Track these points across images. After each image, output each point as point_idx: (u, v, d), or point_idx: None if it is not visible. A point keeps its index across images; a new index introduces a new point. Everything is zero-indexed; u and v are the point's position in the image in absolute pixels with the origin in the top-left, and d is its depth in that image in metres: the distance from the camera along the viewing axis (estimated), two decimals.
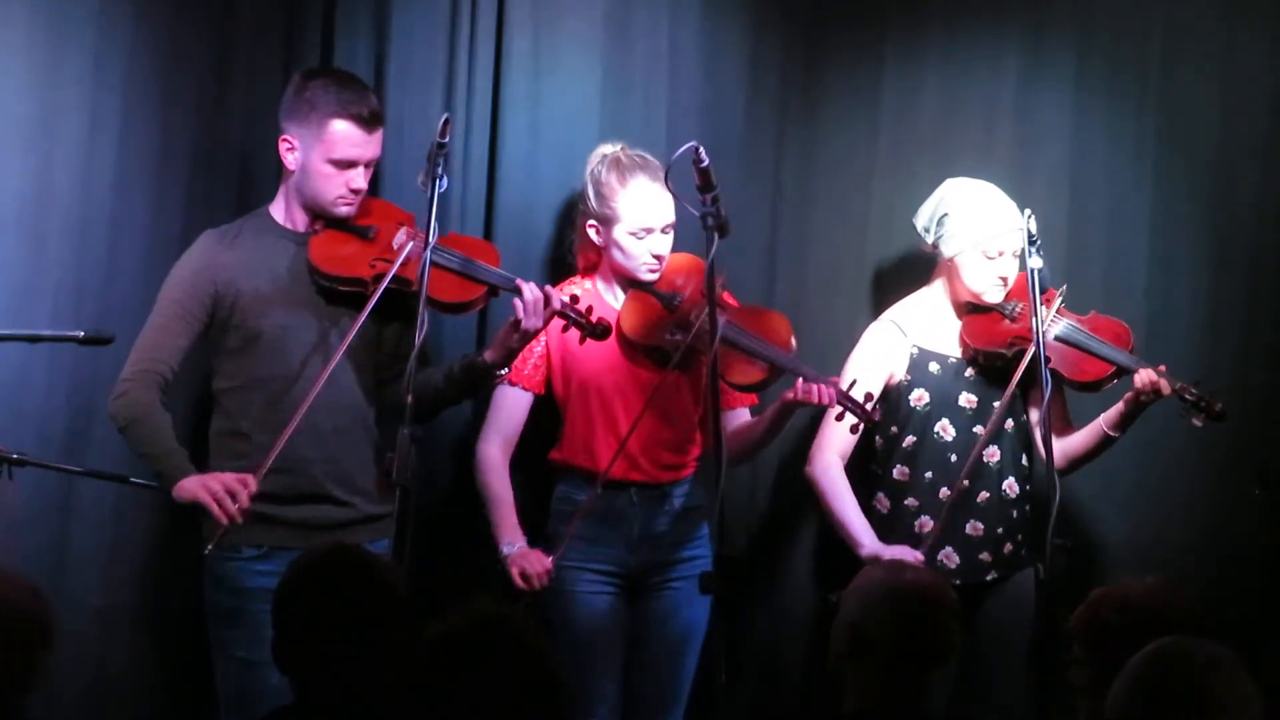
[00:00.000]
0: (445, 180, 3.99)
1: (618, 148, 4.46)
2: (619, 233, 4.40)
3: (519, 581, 4.28)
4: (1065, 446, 4.50)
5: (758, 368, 4.38)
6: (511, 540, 4.35)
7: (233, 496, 3.91)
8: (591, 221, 4.43)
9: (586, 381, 4.41)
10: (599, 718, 4.38)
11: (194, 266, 4.16)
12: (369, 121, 4.15)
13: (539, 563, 4.29)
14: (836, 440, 4.54)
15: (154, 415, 4.07)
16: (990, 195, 4.59)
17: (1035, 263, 4.33)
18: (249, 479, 3.95)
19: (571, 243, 4.55)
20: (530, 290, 4.08)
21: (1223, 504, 4.95)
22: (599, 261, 4.49)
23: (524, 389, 4.41)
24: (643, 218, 4.37)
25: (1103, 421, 4.55)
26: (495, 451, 4.41)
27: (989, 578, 4.58)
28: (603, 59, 4.76)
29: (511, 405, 4.42)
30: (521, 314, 4.07)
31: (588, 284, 4.48)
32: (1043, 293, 4.34)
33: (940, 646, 3.20)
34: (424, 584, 3.59)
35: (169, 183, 4.50)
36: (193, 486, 3.97)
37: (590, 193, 4.42)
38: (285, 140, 4.17)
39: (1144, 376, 4.43)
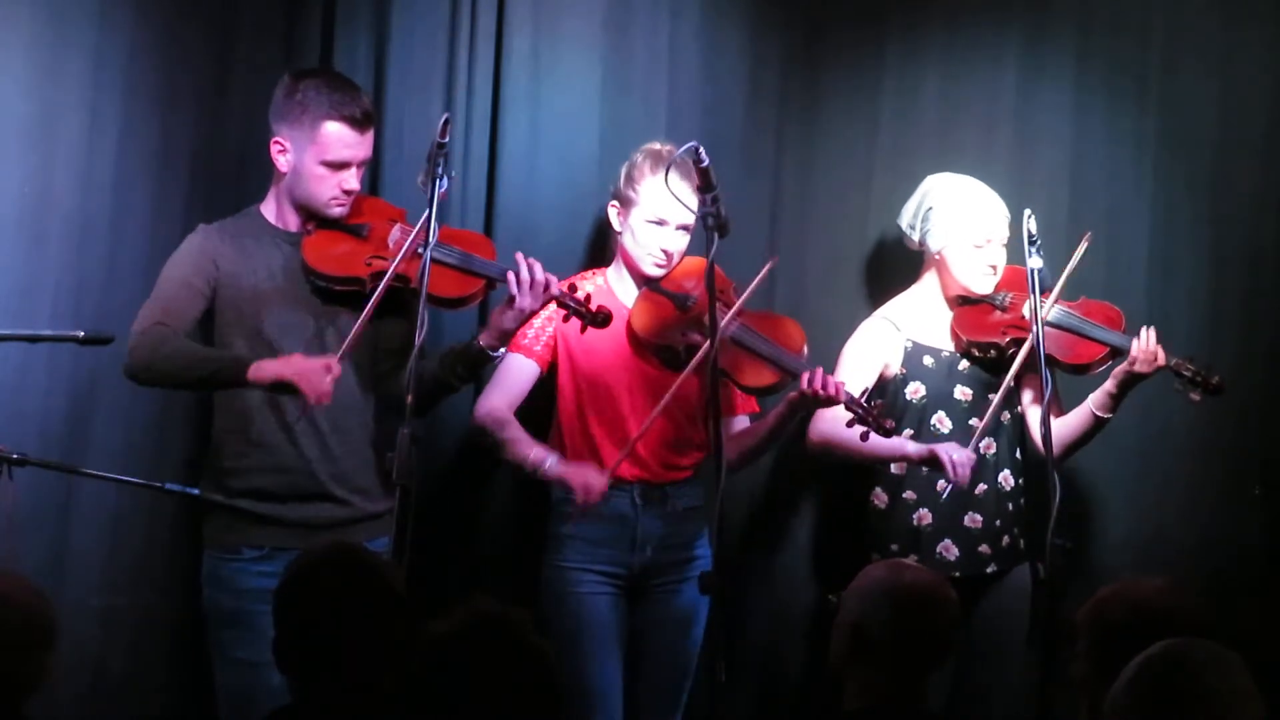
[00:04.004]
0: (446, 180, 3.98)
1: (667, 146, 4.46)
2: (635, 217, 4.42)
3: (580, 492, 4.24)
4: (1056, 433, 4.46)
5: (769, 371, 4.38)
6: (549, 454, 4.31)
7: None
8: (614, 202, 4.47)
9: (595, 378, 4.41)
10: (599, 718, 4.38)
11: (195, 251, 4.15)
12: (361, 122, 4.15)
13: (598, 477, 4.26)
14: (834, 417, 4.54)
15: (179, 337, 4.03)
16: (972, 186, 4.62)
17: (1035, 263, 4.31)
18: (332, 362, 3.95)
19: (605, 227, 4.58)
20: (525, 268, 4.09)
21: (1223, 504, 4.95)
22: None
23: (534, 362, 4.41)
24: (660, 208, 4.37)
25: (1091, 404, 4.55)
26: (500, 404, 4.39)
27: (989, 570, 4.59)
28: (603, 59, 4.76)
29: (517, 372, 4.41)
30: (515, 290, 4.07)
31: (599, 279, 4.48)
32: (1042, 293, 4.33)
33: (940, 646, 3.20)
34: (424, 584, 3.58)
35: (169, 183, 4.50)
36: (275, 366, 3.95)
37: (621, 174, 4.46)
38: (277, 142, 4.16)
39: (1141, 346, 4.42)
